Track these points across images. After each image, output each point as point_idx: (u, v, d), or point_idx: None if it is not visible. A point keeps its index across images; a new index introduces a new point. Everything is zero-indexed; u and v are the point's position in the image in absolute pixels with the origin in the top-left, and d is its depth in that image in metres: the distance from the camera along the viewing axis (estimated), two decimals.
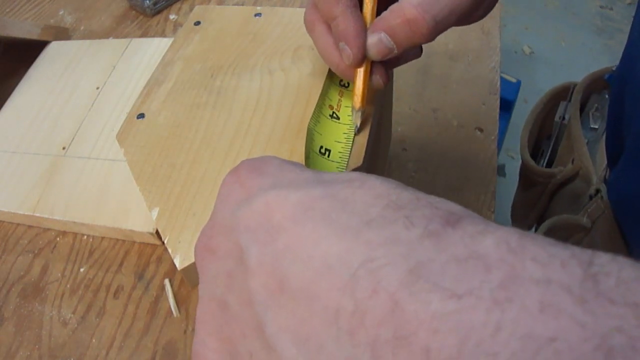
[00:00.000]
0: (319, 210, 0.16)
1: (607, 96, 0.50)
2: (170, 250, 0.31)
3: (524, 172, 0.54)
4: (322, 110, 0.35)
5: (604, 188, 0.42)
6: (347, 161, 0.32)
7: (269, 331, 0.16)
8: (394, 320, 0.13)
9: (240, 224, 0.17)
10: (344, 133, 0.33)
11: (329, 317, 0.14)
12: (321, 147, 0.33)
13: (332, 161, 0.32)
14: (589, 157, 0.45)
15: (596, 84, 0.49)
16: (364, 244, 0.15)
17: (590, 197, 0.44)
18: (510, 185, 0.70)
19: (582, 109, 0.49)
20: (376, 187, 0.17)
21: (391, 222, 0.15)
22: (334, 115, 0.35)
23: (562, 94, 0.53)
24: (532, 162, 0.52)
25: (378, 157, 0.44)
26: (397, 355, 0.13)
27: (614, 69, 0.48)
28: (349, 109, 0.35)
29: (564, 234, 0.46)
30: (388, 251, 0.14)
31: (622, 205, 0.41)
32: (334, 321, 0.14)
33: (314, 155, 0.33)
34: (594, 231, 0.43)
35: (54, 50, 0.66)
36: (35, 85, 0.62)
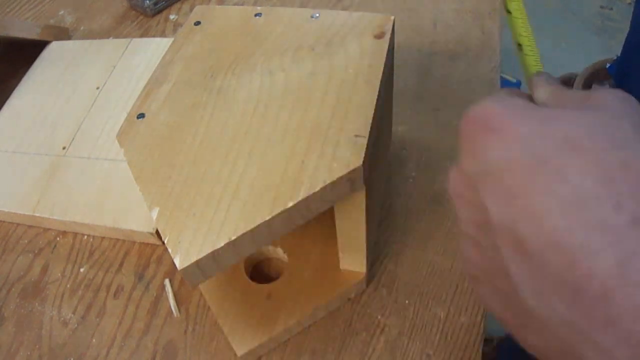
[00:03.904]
0: (544, 184, 0.18)
1: (608, 86, 0.50)
2: (170, 250, 0.31)
3: None
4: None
5: None
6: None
7: (514, 278, 0.19)
8: (604, 303, 0.15)
9: (482, 178, 0.20)
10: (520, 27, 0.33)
11: (556, 283, 0.17)
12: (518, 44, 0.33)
13: (528, 55, 0.31)
14: None
15: (598, 74, 0.49)
16: (583, 224, 0.17)
17: None
18: None
19: None
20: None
21: (602, 202, 0.17)
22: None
23: (563, 85, 0.53)
24: None
25: (378, 157, 0.44)
26: (607, 332, 0.16)
27: (615, 58, 0.48)
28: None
29: None
30: (600, 237, 0.16)
31: None
32: (559, 288, 0.17)
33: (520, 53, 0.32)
34: None
35: (54, 50, 0.66)
36: (35, 85, 0.62)
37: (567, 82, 0.53)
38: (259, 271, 0.47)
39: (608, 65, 0.49)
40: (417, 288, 0.45)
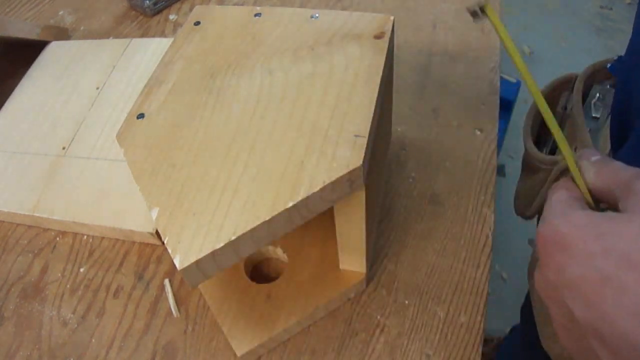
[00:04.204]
0: (612, 296, 0.23)
1: (608, 86, 0.50)
2: (170, 250, 0.31)
3: (527, 159, 0.54)
4: None
5: None
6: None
7: (602, 358, 0.24)
8: None
9: (563, 288, 0.26)
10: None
11: None
12: None
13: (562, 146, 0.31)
14: (591, 144, 0.45)
15: (598, 74, 0.49)
16: None
17: None
18: (510, 185, 0.70)
19: (584, 99, 0.49)
20: None
21: None
22: None
23: (564, 85, 0.53)
24: (534, 149, 0.52)
25: (378, 157, 0.44)
26: None
27: (615, 58, 0.48)
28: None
29: None
30: None
31: None
32: None
33: None
34: None
35: (54, 50, 0.66)
36: (35, 85, 0.62)
37: (568, 82, 0.52)
38: (259, 271, 0.47)
39: (609, 65, 0.49)
40: (417, 288, 0.45)
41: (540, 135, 0.56)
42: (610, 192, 0.29)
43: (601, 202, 0.30)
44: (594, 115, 0.50)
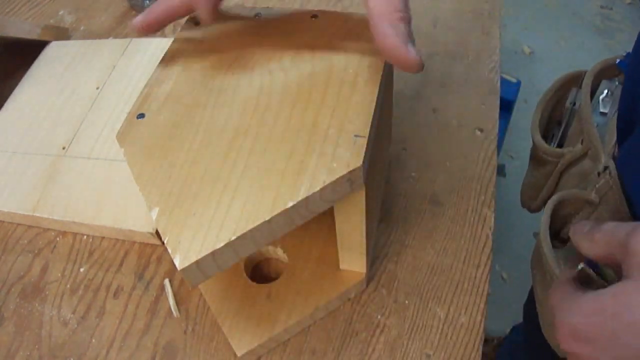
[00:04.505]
0: None
1: (617, 83, 0.50)
2: (170, 250, 0.31)
3: (534, 152, 0.54)
4: None
5: (612, 164, 0.43)
6: None
7: None
8: None
9: None
10: None
11: None
12: None
13: None
14: (597, 137, 0.46)
15: (607, 71, 0.50)
16: None
17: (598, 174, 0.44)
18: (510, 185, 0.70)
19: (592, 95, 0.50)
20: None
21: None
22: None
23: (573, 81, 0.54)
24: (542, 142, 0.52)
25: (378, 157, 0.44)
26: None
27: (624, 55, 0.48)
28: None
29: (572, 208, 0.47)
30: None
31: (634, 176, 0.41)
32: None
33: None
34: (601, 206, 0.44)
35: (54, 50, 0.66)
36: (35, 85, 0.62)
37: (577, 78, 0.53)
38: (259, 271, 0.47)
39: (618, 60, 0.49)
40: (417, 288, 0.45)
41: (548, 129, 0.57)
42: (610, 256, 0.29)
43: (608, 267, 0.30)
44: (601, 110, 0.50)
